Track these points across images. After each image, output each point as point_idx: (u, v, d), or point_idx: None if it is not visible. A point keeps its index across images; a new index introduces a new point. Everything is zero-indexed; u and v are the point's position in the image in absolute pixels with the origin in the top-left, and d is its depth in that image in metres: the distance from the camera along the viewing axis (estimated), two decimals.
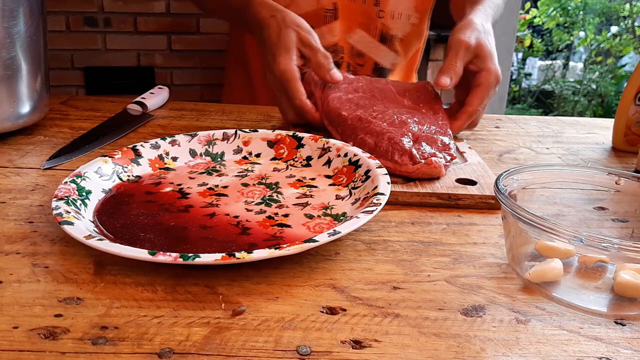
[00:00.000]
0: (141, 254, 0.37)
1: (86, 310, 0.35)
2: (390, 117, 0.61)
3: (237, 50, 1.00)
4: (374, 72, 0.92)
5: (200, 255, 0.37)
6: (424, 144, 0.56)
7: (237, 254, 0.37)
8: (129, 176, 0.53)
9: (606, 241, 0.35)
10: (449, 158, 0.56)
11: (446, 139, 0.58)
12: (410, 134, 0.57)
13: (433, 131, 0.60)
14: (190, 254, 0.37)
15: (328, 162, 0.56)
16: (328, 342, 0.33)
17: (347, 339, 0.33)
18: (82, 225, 0.41)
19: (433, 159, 0.54)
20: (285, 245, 0.38)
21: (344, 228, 0.40)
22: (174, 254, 0.37)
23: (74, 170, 0.50)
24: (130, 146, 0.55)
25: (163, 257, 0.36)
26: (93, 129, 0.69)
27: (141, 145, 0.56)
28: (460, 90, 0.70)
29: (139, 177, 0.53)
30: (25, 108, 0.66)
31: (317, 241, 0.39)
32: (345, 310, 0.36)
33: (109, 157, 0.53)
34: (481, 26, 0.69)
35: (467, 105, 0.66)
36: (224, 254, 0.37)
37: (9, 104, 0.64)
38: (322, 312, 0.36)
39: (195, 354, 0.32)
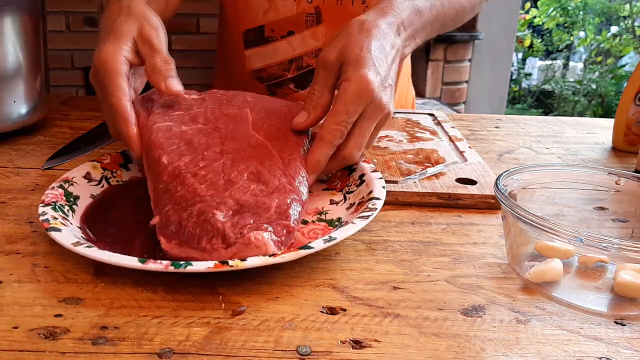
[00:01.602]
0: (131, 261, 0.36)
1: (86, 310, 0.35)
2: (218, 171, 0.45)
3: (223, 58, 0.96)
4: None
5: (192, 263, 0.36)
6: (247, 215, 0.41)
7: (231, 262, 0.36)
8: (118, 181, 0.52)
9: (606, 241, 0.35)
10: (281, 229, 0.40)
11: (288, 198, 0.43)
12: (231, 201, 0.42)
13: (274, 187, 0.44)
14: (181, 262, 0.36)
15: None
16: (328, 342, 0.33)
17: (347, 339, 0.33)
18: (70, 232, 0.40)
19: (252, 234, 0.39)
20: (279, 252, 0.38)
21: (340, 234, 0.40)
22: (164, 262, 0.36)
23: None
24: (119, 151, 0.55)
25: (154, 265, 0.36)
26: (93, 129, 0.69)
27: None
28: None
29: (128, 182, 0.53)
30: (25, 108, 0.66)
31: (312, 248, 0.38)
32: (345, 310, 0.36)
33: (98, 162, 0.52)
34: (358, 24, 0.51)
35: (320, 129, 0.48)
36: (216, 262, 0.36)
37: (9, 104, 0.64)
38: (322, 312, 0.36)
39: (195, 354, 0.32)
